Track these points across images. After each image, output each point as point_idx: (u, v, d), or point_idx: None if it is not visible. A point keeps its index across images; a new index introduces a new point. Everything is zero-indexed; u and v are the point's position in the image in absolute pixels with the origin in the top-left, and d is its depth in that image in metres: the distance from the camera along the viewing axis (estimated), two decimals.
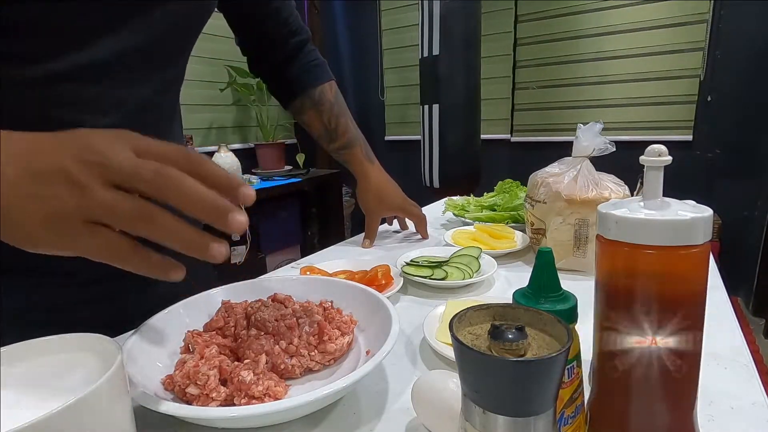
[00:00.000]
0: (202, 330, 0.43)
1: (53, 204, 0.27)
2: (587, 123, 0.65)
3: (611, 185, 0.65)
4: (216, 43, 1.93)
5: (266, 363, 0.38)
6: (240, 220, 0.28)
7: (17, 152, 0.28)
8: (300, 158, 2.68)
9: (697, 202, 0.26)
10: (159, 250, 0.29)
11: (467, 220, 0.93)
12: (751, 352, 0.42)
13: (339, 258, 0.73)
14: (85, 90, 0.42)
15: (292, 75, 0.76)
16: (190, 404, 0.34)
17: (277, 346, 0.40)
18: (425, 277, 0.62)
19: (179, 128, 0.61)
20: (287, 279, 0.54)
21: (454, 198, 1.10)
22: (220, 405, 0.34)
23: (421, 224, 0.87)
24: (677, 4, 2.21)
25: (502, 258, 0.73)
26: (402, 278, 0.62)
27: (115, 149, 0.28)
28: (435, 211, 1.11)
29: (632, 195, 0.66)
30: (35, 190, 0.27)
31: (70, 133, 0.29)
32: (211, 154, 2.25)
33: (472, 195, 1.10)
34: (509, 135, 2.82)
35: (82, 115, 0.43)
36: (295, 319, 0.42)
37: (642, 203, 0.26)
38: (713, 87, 2.22)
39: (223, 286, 0.50)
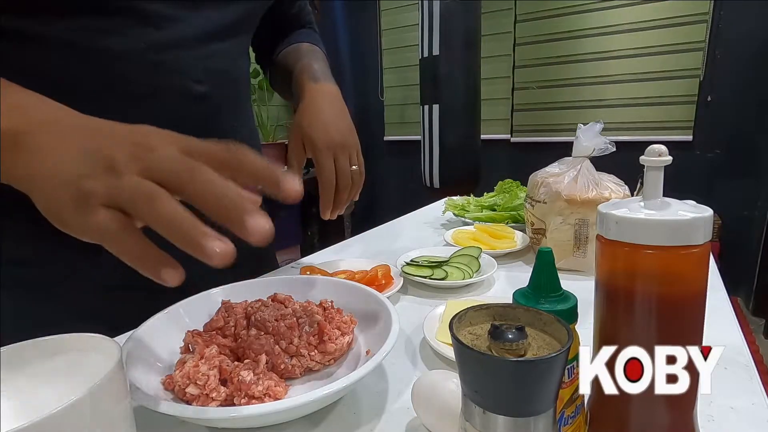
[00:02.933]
0: (202, 330, 0.43)
1: (87, 183, 0.26)
2: (587, 123, 0.65)
3: (611, 185, 0.65)
4: None
5: (266, 363, 0.38)
6: (260, 224, 0.26)
7: (78, 128, 0.29)
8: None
9: (697, 202, 0.26)
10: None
11: (467, 220, 0.93)
12: (751, 352, 0.42)
13: (339, 258, 0.73)
14: (184, 58, 0.47)
15: (277, 46, 0.72)
16: (190, 404, 0.34)
17: (277, 346, 0.40)
18: (425, 277, 0.62)
19: (250, 107, 0.63)
20: (287, 279, 0.54)
21: (454, 198, 1.10)
22: (220, 405, 0.34)
23: (325, 187, 0.55)
24: (677, 4, 2.21)
25: (502, 258, 0.73)
26: (402, 278, 0.62)
27: (165, 145, 0.28)
28: (435, 211, 1.11)
29: (632, 195, 0.66)
30: (82, 169, 0.27)
31: (131, 125, 0.30)
32: None
33: (472, 195, 1.10)
34: (509, 135, 2.83)
35: (182, 82, 0.47)
36: (295, 319, 0.42)
37: (642, 203, 0.26)
38: (713, 87, 2.22)
39: (223, 286, 0.50)
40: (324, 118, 0.57)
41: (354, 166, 0.57)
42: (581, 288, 0.34)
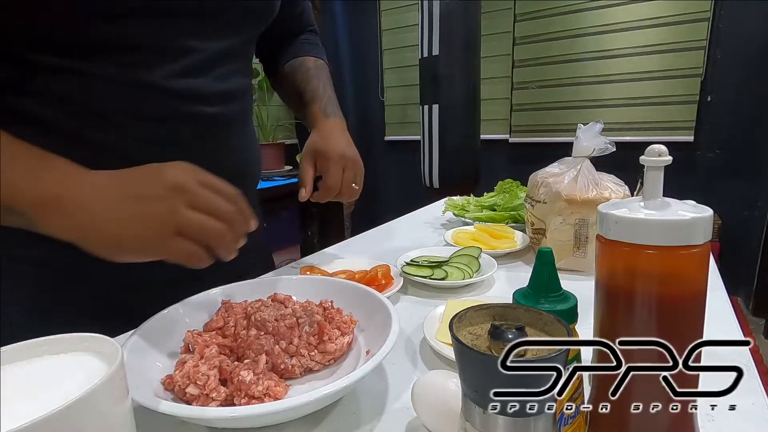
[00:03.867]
0: (202, 330, 0.43)
1: (155, 220, 0.37)
2: (587, 123, 0.65)
3: (611, 185, 0.65)
4: None
5: (266, 363, 0.38)
6: (253, 225, 0.42)
7: (109, 183, 0.38)
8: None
9: (697, 202, 0.26)
10: None
11: (467, 220, 0.93)
12: (751, 352, 0.41)
13: (339, 258, 0.73)
14: (196, 84, 0.51)
15: (282, 51, 0.76)
16: (190, 404, 0.34)
17: (277, 346, 0.40)
18: (425, 277, 0.62)
19: (252, 115, 0.68)
20: (287, 279, 0.54)
21: (454, 198, 1.10)
22: (220, 405, 0.34)
23: (327, 186, 0.62)
24: (678, 3, 2.20)
25: (502, 258, 0.73)
26: (402, 278, 0.62)
27: (191, 181, 0.38)
28: (435, 211, 1.11)
29: (632, 195, 0.66)
30: (139, 211, 0.37)
31: (145, 167, 0.39)
32: None
33: (472, 195, 1.10)
34: (508, 135, 2.82)
35: (195, 105, 0.51)
36: (295, 319, 0.42)
37: (642, 203, 0.26)
38: (714, 87, 2.22)
39: (223, 286, 0.50)
40: (337, 140, 0.65)
41: (355, 185, 0.64)
42: (581, 288, 0.34)
